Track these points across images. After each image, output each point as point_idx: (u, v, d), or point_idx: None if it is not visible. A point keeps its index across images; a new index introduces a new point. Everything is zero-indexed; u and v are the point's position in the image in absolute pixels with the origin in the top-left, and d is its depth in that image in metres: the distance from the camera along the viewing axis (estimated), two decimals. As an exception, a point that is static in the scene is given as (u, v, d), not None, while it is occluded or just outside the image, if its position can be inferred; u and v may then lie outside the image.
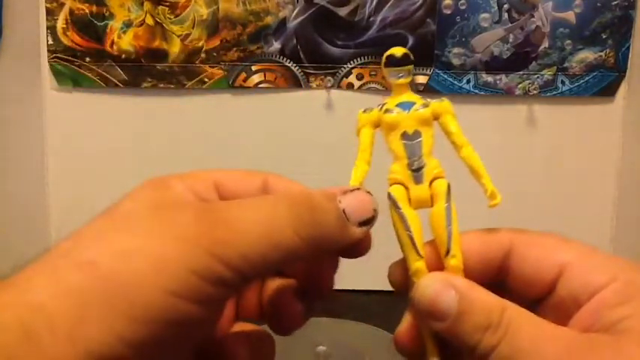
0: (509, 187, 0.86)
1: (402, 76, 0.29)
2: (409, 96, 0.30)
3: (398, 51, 0.29)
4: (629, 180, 0.87)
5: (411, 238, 0.27)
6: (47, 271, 0.22)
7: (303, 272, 0.29)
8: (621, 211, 0.88)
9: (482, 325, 0.23)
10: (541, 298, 0.26)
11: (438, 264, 0.27)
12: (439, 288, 0.25)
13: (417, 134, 0.29)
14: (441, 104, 0.30)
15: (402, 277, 0.27)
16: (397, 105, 0.29)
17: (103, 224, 0.24)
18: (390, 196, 0.28)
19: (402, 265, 0.27)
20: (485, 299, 0.24)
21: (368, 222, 0.27)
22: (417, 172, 0.29)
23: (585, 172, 0.87)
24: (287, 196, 0.26)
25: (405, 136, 0.29)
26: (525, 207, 0.87)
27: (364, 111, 0.30)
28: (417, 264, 0.27)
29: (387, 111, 0.29)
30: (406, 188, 0.28)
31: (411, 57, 0.29)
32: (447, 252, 0.27)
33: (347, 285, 0.23)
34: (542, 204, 0.87)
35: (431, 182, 0.29)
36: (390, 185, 0.29)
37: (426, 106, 0.29)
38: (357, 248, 0.27)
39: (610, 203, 0.88)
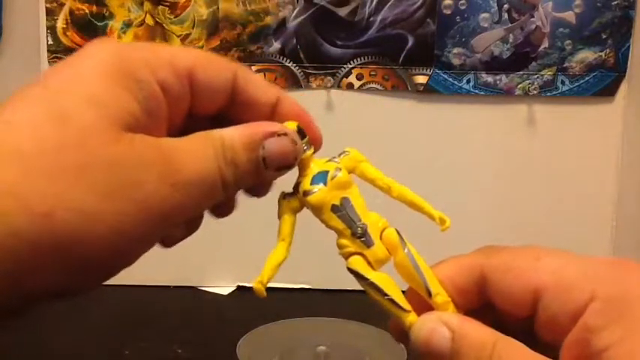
0: (509, 187, 0.87)
1: (306, 149, 0.28)
2: (317, 165, 0.28)
3: (292, 125, 0.28)
4: (629, 180, 0.87)
5: (392, 301, 0.27)
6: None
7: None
8: (621, 211, 0.87)
9: None
10: (531, 315, 0.26)
11: (426, 306, 0.27)
12: (432, 327, 0.25)
13: (345, 201, 0.28)
14: (350, 157, 0.29)
15: (403, 333, 0.27)
16: (312, 182, 0.28)
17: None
18: (352, 271, 0.28)
19: (398, 321, 0.27)
20: (476, 335, 0.24)
21: (286, 168, 0.28)
22: (363, 236, 0.27)
23: (585, 172, 0.87)
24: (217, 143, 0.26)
25: (335, 208, 0.28)
26: (525, 207, 0.87)
27: (284, 197, 0.29)
28: (409, 319, 0.26)
29: (305, 193, 0.28)
30: (362, 255, 0.28)
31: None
32: (429, 293, 0.27)
33: (347, 285, 0.23)
34: (542, 204, 0.87)
35: (380, 236, 0.28)
36: (347, 260, 0.28)
37: (338, 169, 0.28)
38: (264, 188, 0.29)
39: (610, 203, 0.87)
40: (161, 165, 0.24)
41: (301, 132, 0.28)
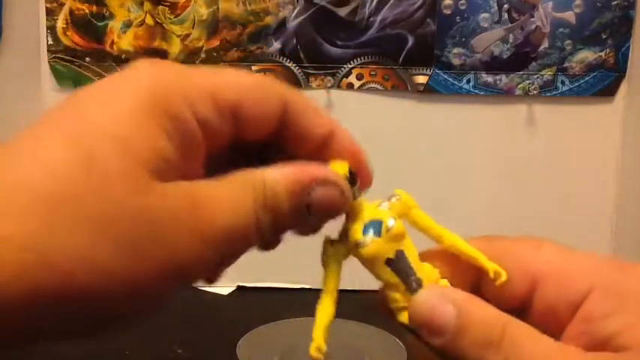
0: (509, 187, 0.87)
1: (356, 194, 0.26)
2: (369, 212, 0.26)
3: (344, 168, 0.26)
4: (629, 180, 0.87)
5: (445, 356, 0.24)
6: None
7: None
8: (621, 211, 0.87)
9: (483, 342, 0.22)
10: (525, 305, 0.25)
11: None
12: (436, 302, 0.24)
13: (400, 254, 0.25)
14: (402, 203, 0.26)
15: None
16: (364, 232, 0.25)
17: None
18: (404, 326, 0.25)
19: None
20: (484, 314, 0.23)
21: (331, 218, 0.25)
22: (417, 291, 0.25)
23: (585, 172, 0.87)
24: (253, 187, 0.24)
25: (389, 262, 0.25)
26: (525, 207, 0.87)
27: (331, 244, 0.26)
28: None
29: (358, 245, 0.25)
30: None
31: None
32: None
33: (347, 285, 0.23)
34: (542, 204, 0.87)
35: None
36: (398, 313, 0.26)
37: (392, 218, 0.25)
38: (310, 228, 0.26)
39: (610, 203, 0.88)
40: (193, 220, 0.22)
41: (352, 175, 0.26)
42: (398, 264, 0.25)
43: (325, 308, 0.26)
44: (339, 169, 0.26)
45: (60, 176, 0.20)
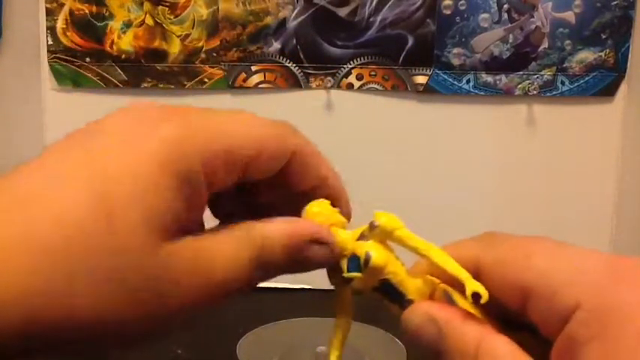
0: (509, 187, 0.87)
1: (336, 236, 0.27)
2: (351, 246, 0.26)
3: (325, 206, 0.27)
4: (629, 180, 0.87)
5: None
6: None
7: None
8: (621, 211, 0.88)
9: (460, 358, 0.23)
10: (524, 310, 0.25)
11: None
12: (419, 322, 0.25)
13: (384, 282, 0.26)
14: (381, 231, 0.26)
15: None
16: (348, 269, 0.26)
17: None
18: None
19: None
20: (461, 332, 0.24)
21: (320, 267, 0.27)
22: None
23: (585, 172, 0.87)
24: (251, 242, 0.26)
25: (377, 290, 0.26)
26: (525, 207, 0.87)
27: (332, 274, 0.27)
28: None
29: (345, 281, 0.27)
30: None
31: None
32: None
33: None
34: (542, 204, 0.87)
35: (432, 296, 0.26)
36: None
37: (370, 250, 0.26)
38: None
39: (610, 203, 0.88)
40: (194, 277, 0.24)
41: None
42: (385, 291, 0.26)
43: (339, 328, 0.28)
44: (322, 207, 0.27)
45: (77, 230, 0.22)
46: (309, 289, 0.82)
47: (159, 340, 0.26)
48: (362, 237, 0.26)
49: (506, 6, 0.82)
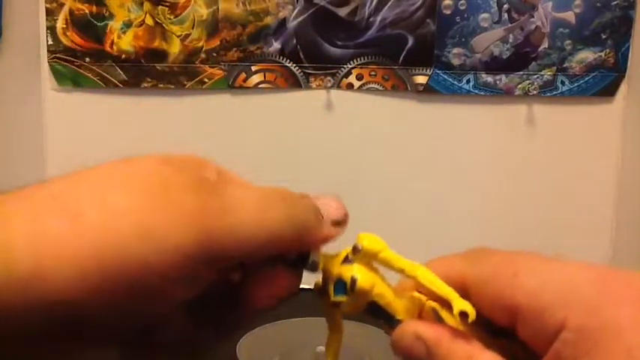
0: (509, 187, 0.87)
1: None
2: (337, 270, 0.27)
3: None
4: (629, 180, 0.87)
5: None
6: (30, 210, 0.23)
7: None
8: (621, 211, 0.88)
9: None
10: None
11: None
12: (409, 342, 0.25)
13: (371, 305, 0.26)
14: (364, 254, 0.26)
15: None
16: (335, 293, 0.27)
17: (104, 174, 0.24)
18: None
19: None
20: (448, 353, 0.24)
21: (340, 223, 0.27)
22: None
23: (585, 172, 0.87)
24: (276, 189, 0.26)
25: (366, 311, 0.27)
26: (525, 207, 0.87)
27: (320, 295, 0.28)
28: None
29: (334, 305, 0.28)
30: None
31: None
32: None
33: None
34: (542, 204, 0.87)
35: (421, 314, 0.26)
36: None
37: (355, 273, 0.26)
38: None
39: (610, 203, 0.88)
40: None
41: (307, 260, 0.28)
42: (373, 312, 0.26)
43: (334, 340, 0.29)
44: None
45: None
46: (309, 289, 0.82)
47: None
48: (347, 260, 0.26)
49: (506, 6, 0.82)
